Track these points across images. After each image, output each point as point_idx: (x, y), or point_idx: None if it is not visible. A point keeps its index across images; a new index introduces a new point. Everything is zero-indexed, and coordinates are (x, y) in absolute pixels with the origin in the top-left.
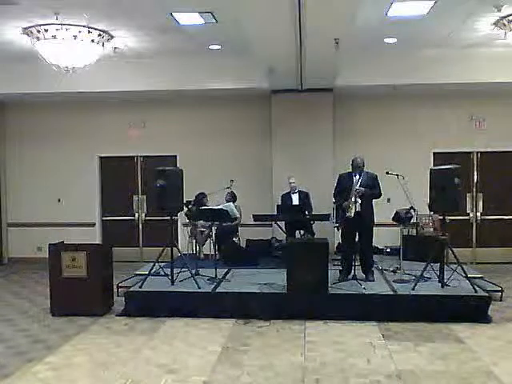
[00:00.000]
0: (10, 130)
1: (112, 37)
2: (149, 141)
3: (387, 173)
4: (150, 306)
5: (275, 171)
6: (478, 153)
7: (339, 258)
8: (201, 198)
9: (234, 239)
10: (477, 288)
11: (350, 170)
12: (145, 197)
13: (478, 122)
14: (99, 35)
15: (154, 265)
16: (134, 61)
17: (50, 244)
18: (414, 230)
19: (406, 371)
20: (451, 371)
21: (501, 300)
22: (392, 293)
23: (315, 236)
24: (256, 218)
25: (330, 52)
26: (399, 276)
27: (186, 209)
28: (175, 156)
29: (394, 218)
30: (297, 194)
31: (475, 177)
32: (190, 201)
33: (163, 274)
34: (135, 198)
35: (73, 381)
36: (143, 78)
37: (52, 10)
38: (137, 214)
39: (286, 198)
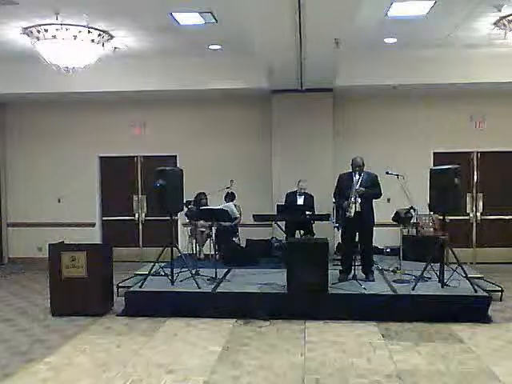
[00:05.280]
0: (10, 130)
1: (112, 37)
2: (149, 141)
3: (387, 173)
4: (150, 306)
5: (275, 171)
6: (478, 153)
7: (339, 257)
8: (201, 198)
9: (233, 239)
10: (477, 288)
11: (350, 170)
12: (145, 197)
13: (478, 121)
14: (99, 35)
15: (153, 265)
16: (134, 61)
17: (49, 244)
18: (414, 230)
19: (405, 371)
20: (451, 371)
21: (501, 300)
22: (392, 293)
23: (315, 236)
24: (256, 217)
25: (329, 52)
26: (399, 276)
27: (186, 209)
28: (175, 156)
29: (394, 218)
30: (303, 196)
31: (475, 177)
32: (190, 201)
33: (163, 273)
34: (135, 198)
35: (73, 381)
36: (143, 78)
37: (52, 9)
38: (137, 214)
39: (292, 197)
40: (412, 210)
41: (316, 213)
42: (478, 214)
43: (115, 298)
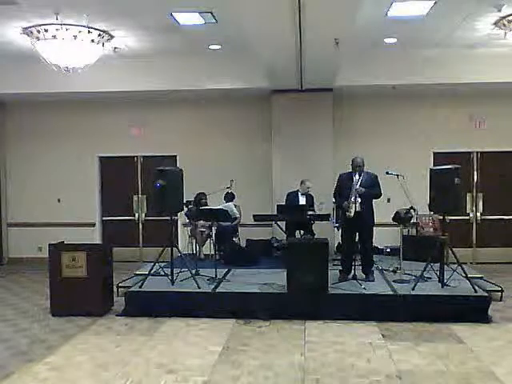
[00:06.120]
0: (10, 130)
1: (112, 37)
2: (149, 141)
3: (387, 173)
4: (150, 306)
5: (275, 171)
6: (477, 153)
7: (339, 257)
8: (201, 198)
9: (233, 239)
10: (477, 288)
11: (350, 170)
12: (145, 197)
13: (478, 121)
14: (99, 35)
15: (154, 265)
16: (133, 61)
17: (49, 244)
18: (414, 230)
19: (405, 371)
20: (451, 371)
21: (501, 300)
22: (392, 293)
23: (315, 236)
24: (256, 217)
25: (329, 52)
26: (399, 276)
27: (186, 209)
28: (175, 156)
29: (394, 218)
30: (305, 196)
31: (475, 177)
32: (190, 201)
33: (163, 273)
34: (135, 198)
35: (73, 381)
36: (143, 78)
37: (52, 9)
38: (137, 214)
39: (293, 197)
40: (412, 210)
41: (316, 213)
42: (478, 214)
43: (115, 297)
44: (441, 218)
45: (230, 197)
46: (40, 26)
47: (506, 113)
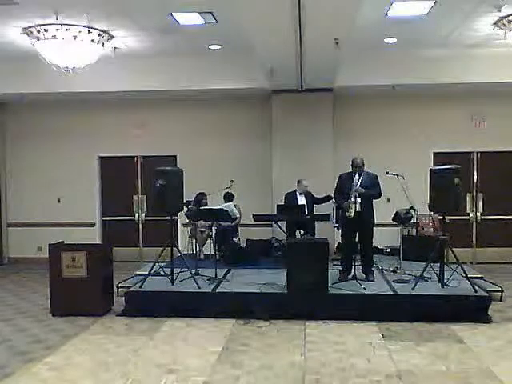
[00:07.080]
0: (10, 130)
1: (112, 37)
2: (149, 141)
3: (387, 173)
4: (150, 306)
5: (275, 171)
6: (477, 153)
7: (339, 257)
8: (201, 198)
9: (234, 239)
10: (477, 288)
11: (350, 170)
12: (145, 197)
13: (478, 121)
14: (99, 35)
15: (153, 265)
16: (133, 61)
17: (49, 244)
18: (414, 230)
19: (405, 371)
20: (451, 371)
21: (501, 300)
22: (392, 293)
23: (315, 236)
24: (256, 218)
25: (329, 52)
26: (399, 276)
27: (185, 209)
28: (175, 156)
29: (394, 218)
30: (303, 196)
31: (475, 177)
32: (190, 201)
33: (163, 273)
34: (135, 197)
35: (73, 381)
36: (143, 78)
37: (52, 9)
38: (137, 214)
39: (291, 197)
40: (412, 210)
41: (316, 213)
42: (478, 214)
43: (115, 297)
44: (441, 218)
45: (228, 197)
46: (40, 26)
47: (506, 113)
